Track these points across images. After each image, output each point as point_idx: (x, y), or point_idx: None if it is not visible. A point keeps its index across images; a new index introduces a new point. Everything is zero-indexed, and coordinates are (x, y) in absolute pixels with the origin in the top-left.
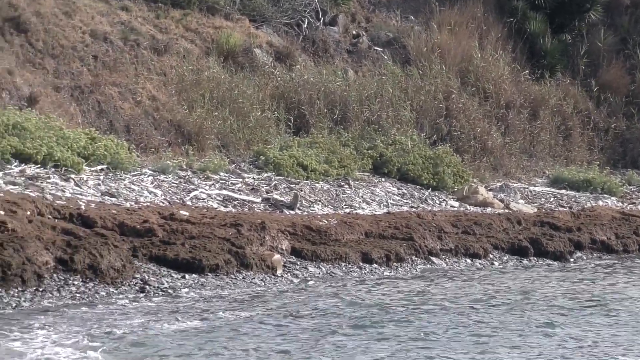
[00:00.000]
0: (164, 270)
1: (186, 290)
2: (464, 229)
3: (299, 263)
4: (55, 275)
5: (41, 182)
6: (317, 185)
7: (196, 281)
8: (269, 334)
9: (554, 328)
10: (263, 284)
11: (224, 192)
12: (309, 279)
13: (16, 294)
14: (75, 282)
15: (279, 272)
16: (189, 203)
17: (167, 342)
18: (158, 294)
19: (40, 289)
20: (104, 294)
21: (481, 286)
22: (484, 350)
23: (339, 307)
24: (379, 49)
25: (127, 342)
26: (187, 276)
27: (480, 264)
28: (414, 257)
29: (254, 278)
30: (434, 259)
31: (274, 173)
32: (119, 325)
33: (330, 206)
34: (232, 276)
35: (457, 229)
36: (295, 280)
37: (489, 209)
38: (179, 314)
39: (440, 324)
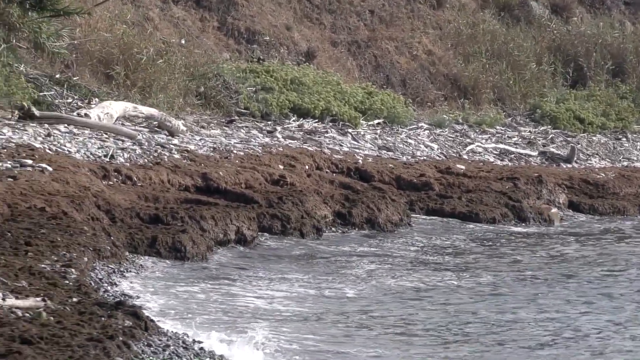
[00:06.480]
0: None
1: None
2: None
3: (576, 217)
4: (333, 228)
5: (319, 137)
6: (594, 138)
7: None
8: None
9: None
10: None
11: (500, 145)
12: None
13: None
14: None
15: (556, 225)
16: (465, 157)
17: None
18: None
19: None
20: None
21: None
22: None
23: None
24: None
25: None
26: None
27: None
28: None
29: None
30: None
31: (550, 126)
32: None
33: (607, 159)
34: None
35: None
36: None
37: None
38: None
39: None
